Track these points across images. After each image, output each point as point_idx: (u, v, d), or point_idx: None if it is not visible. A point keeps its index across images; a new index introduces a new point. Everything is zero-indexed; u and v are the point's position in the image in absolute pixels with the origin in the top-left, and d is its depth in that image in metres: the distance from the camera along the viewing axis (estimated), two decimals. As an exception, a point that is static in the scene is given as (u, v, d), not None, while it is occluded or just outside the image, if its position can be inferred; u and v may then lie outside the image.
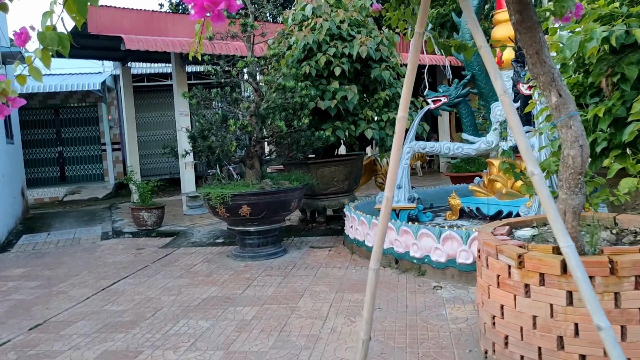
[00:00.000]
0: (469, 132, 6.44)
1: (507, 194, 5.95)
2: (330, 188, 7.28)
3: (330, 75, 6.63)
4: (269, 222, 6.02)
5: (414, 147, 6.44)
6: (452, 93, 6.30)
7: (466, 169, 9.04)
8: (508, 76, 6.10)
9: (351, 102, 6.47)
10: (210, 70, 5.88)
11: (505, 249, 2.89)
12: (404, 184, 6.37)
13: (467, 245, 4.68)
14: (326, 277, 5.23)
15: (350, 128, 6.67)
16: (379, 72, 6.66)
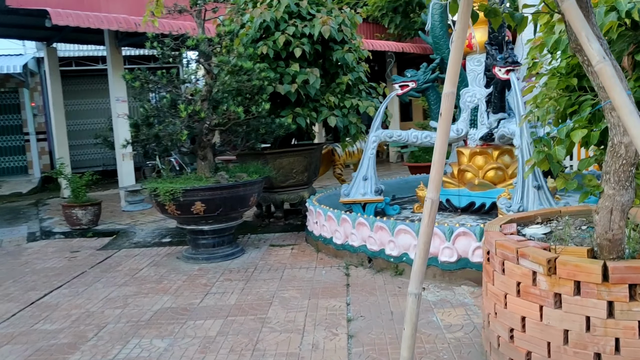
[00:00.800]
0: (437, 119, 6.06)
1: (480, 184, 5.65)
2: (289, 180, 6.73)
3: (289, 57, 6.06)
4: (226, 220, 5.41)
5: (380, 136, 6.02)
6: (420, 78, 5.91)
7: (425, 159, 8.75)
8: (479, 60, 5.78)
9: (313, 87, 5.94)
10: (156, 49, 5.15)
11: (529, 253, 2.48)
12: (370, 175, 5.94)
13: (450, 242, 4.29)
14: (294, 280, 4.71)
15: (311, 115, 6.14)
16: (342, 54, 6.16)
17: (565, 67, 3.50)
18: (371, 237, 4.81)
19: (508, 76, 4.98)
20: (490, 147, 5.79)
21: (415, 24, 11.07)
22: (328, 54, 6.34)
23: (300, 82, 5.87)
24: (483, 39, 5.64)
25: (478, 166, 5.79)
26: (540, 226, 3.03)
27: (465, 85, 5.89)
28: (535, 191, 4.54)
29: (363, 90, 6.74)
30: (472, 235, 4.20)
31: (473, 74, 5.83)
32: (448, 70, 1.61)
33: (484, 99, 5.68)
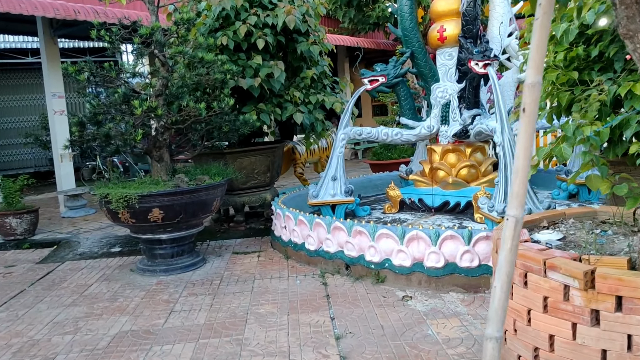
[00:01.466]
0: (408, 116, 5.83)
1: (454, 183, 5.44)
2: (250, 181, 6.29)
3: (250, 48, 5.62)
4: (186, 228, 4.92)
5: (350, 133, 5.70)
6: (390, 72, 5.63)
7: (388, 156, 8.53)
8: (450, 54, 5.57)
9: (277, 81, 5.53)
10: (103, 39, 4.57)
11: (560, 265, 2.22)
12: (340, 175, 5.62)
13: (436, 247, 4.03)
14: (267, 292, 4.30)
15: (275, 111, 5.72)
16: (307, 46, 5.78)
17: (564, 60, 3.30)
18: (349, 242, 4.48)
19: (486, 70, 4.77)
20: (463, 144, 5.61)
21: (370, 18, 10.84)
22: (291, 46, 5.94)
23: (263, 75, 5.45)
24: (455, 32, 5.43)
25: (451, 164, 5.59)
26: (552, 231, 2.80)
27: (436, 80, 5.67)
28: (518, 190, 4.35)
29: (327, 85, 6.39)
30: (460, 238, 3.96)
31: (444, 68, 5.62)
32: (532, 55, 1.29)
33: (455, 95, 5.48)
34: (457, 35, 5.38)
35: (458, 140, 5.57)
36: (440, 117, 5.68)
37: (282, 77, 5.52)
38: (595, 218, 3.09)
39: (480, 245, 3.92)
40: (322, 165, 8.17)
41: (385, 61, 5.81)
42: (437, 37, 5.53)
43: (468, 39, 5.07)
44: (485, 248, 3.91)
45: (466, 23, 5.12)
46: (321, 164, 8.18)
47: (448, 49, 5.56)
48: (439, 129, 5.72)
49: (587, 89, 3.09)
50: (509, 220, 1.30)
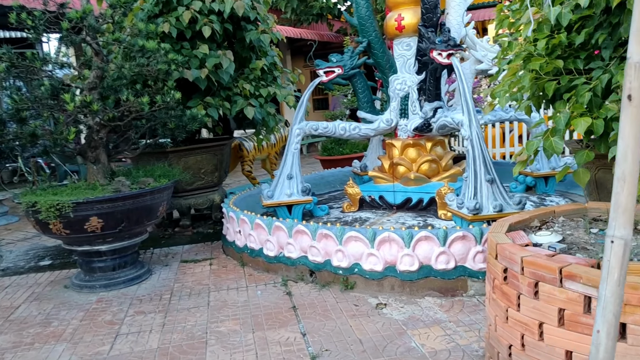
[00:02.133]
0: (365, 109, 5.54)
1: (416, 179, 5.22)
2: (197, 182, 5.80)
3: (195, 37, 5.12)
4: (129, 237, 4.39)
5: (305, 128, 5.34)
6: (346, 63, 5.31)
7: (339, 151, 8.23)
8: (409, 44, 5.33)
9: (226, 73, 5.08)
10: (26, 23, 3.95)
11: (581, 274, 1.98)
12: (296, 173, 5.26)
13: (410, 249, 3.76)
14: (225, 306, 3.88)
15: (224, 105, 5.27)
16: (257, 35, 5.35)
17: (545, 48, 3.10)
18: (314, 246, 4.13)
19: (450, 60, 4.56)
20: (423, 139, 5.40)
21: (313, 8, 10.49)
22: (239, 35, 5.50)
23: (211, 66, 4.98)
24: (414, 21, 5.19)
25: (411, 159, 5.37)
26: (550, 232, 2.58)
27: (394, 71, 5.42)
28: (488, 185, 4.18)
29: (278, 77, 6.00)
30: (434, 239, 3.71)
31: (402, 59, 5.37)
32: (632, 33, 0.99)
33: (415, 87, 5.25)
34: (416, 24, 5.15)
35: (418, 134, 5.35)
36: (399, 110, 5.44)
37: (231, 68, 5.07)
38: (585, 215, 2.92)
39: (456, 246, 3.69)
40: (271, 162, 7.78)
41: (328, 54, 5.51)
42: (395, 26, 5.27)
43: (429, 28, 4.84)
44: (462, 248, 3.68)
45: (426, 11, 4.89)
46: (270, 160, 7.79)
47: (406, 38, 5.32)
48: (397, 123, 5.48)
49: (574, 78, 2.90)
50: (615, 243, 1.00)
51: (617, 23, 2.77)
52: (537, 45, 3.13)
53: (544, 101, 3.26)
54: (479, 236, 3.67)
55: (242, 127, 6.08)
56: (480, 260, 3.67)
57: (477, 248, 3.67)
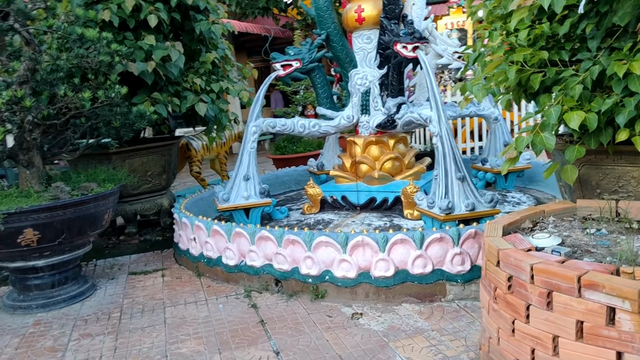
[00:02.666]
0: (325, 105, 5.28)
1: (380, 178, 5.02)
2: (143, 186, 5.34)
3: (139, 26, 4.67)
4: (70, 250, 3.91)
5: (262, 125, 5.02)
6: (305, 57, 5.03)
7: (293, 150, 7.91)
8: (369, 37, 5.11)
9: (175, 66, 4.66)
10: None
11: (604, 282, 1.80)
12: (253, 174, 4.93)
13: (385, 253, 3.53)
14: (185, 323, 3.50)
15: (173, 101, 4.84)
16: (207, 26, 4.96)
17: (526, 39, 2.94)
18: (280, 254, 3.82)
19: (415, 54, 4.37)
20: (385, 136, 5.20)
21: (259, 1, 10.10)
22: (188, 26, 5.08)
23: (158, 59, 4.55)
24: (375, 13, 4.97)
25: (374, 157, 5.16)
26: (548, 234, 2.41)
27: (354, 65, 5.18)
28: (459, 183, 4.02)
29: (230, 71, 5.62)
30: (411, 242, 3.50)
31: (363, 53, 5.14)
32: None
33: (376, 82, 5.03)
34: (377, 16, 4.94)
35: (381, 131, 5.15)
36: (360, 106, 5.22)
37: (181, 61, 4.66)
38: (575, 214, 2.78)
39: (433, 249, 3.50)
40: (221, 162, 7.38)
41: (273, 50, 5.22)
42: (355, 18, 5.04)
43: (391, 20, 4.63)
44: (439, 251, 3.49)
45: (388, 2, 4.69)
46: (219, 160, 7.39)
47: (366, 31, 5.09)
48: (359, 120, 5.25)
49: (562, 70, 2.75)
50: None
51: (606, 12, 2.65)
52: (519, 35, 2.97)
53: (524, 95, 3.11)
54: (456, 238, 3.49)
55: (192, 125, 5.65)
56: (458, 263, 3.49)
57: (454, 250, 3.49)
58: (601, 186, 2.98)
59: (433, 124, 4.18)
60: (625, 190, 2.90)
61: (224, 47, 5.71)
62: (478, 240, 3.54)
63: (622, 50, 2.54)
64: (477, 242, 3.54)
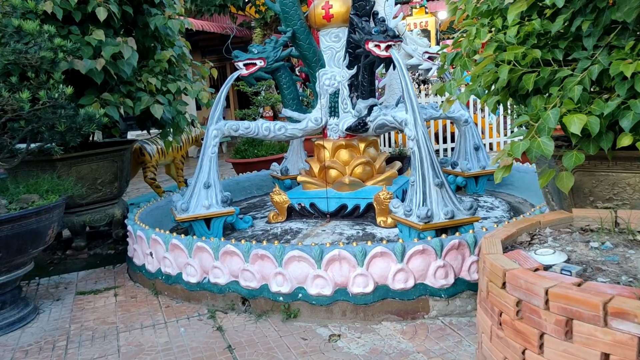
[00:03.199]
0: (291, 107, 4.97)
1: (351, 183, 4.75)
2: (93, 195, 4.88)
3: (86, 20, 4.23)
4: (7, 270, 3.45)
5: (223, 129, 4.67)
6: (270, 55, 4.71)
7: (254, 154, 7.53)
8: (337, 35, 4.84)
9: (128, 64, 4.24)
10: None
11: (635, 311, 1.57)
12: (214, 181, 4.59)
13: (364, 267, 3.26)
14: (142, 352, 3.12)
15: (126, 103, 4.42)
16: (164, 21, 4.56)
17: (516, 37, 2.74)
18: (247, 270, 3.49)
19: (388, 53, 4.12)
20: (355, 139, 4.94)
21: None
22: (141, 21, 4.67)
23: (108, 56, 4.12)
24: (343, 10, 4.71)
25: (344, 162, 4.89)
26: (552, 250, 2.19)
27: (322, 65, 4.90)
28: (437, 190, 3.80)
29: (187, 71, 5.23)
30: (391, 255, 3.24)
31: (331, 52, 4.87)
32: None
33: (345, 82, 4.77)
34: (346, 13, 4.68)
35: (351, 134, 4.89)
36: (329, 108, 4.94)
37: (134, 59, 4.25)
38: (572, 225, 2.59)
39: (415, 261, 3.25)
40: (177, 167, 6.96)
41: (232, 49, 4.89)
42: (323, 15, 4.75)
43: (363, 17, 4.37)
44: (421, 264, 3.25)
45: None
46: (175, 166, 6.96)
47: (335, 29, 4.82)
48: (327, 122, 4.97)
49: (557, 70, 2.56)
50: None
51: (604, 8, 2.47)
52: (508, 32, 2.77)
53: (514, 97, 2.91)
54: (439, 249, 3.26)
55: (146, 128, 5.23)
56: (441, 276, 3.26)
57: (437, 262, 3.25)
58: (594, 194, 2.81)
59: (409, 127, 3.95)
60: (620, 198, 2.73)
61: (180, 44, 5.31)
62: (461, 252, 3.31)
63: (624, 48, 2.35)
64: (460, 254, 3.31)
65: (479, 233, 3.39)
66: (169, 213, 5.18)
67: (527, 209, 5.07)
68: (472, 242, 3.32)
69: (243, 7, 10.26)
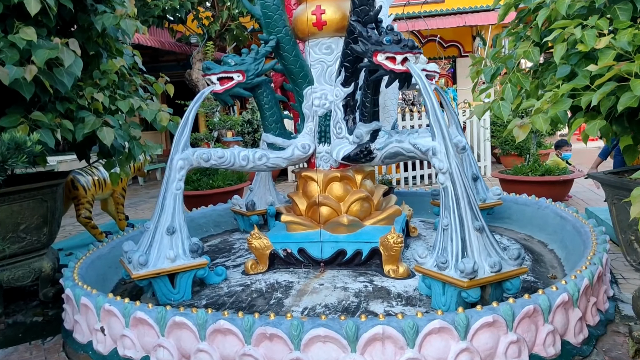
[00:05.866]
0: (274, 131, 4.09)
1: (350, 224, 3.92)
2: (14, 245, 3.70)
3: (10, 14, 3.16)
4: None
5: (192, 158, 3.72)
6: (249, 68, 3.82)
7: (209, 184, 6.47)
8: (330, 46, 4.06)
9: (69, 74, 3.18)
10: None
11: None
12: (180, 225, 3.63)
13: (415, 348, 2.42)
14: None
15: (63, 125, 3.34)
16: (115, 21, 3.54)
17: (631, 43, 2.08)
18: (249, 355, 2.54)
19: (405, 67, 3.37)
20: (350, 169, 4.14)
21: (156, 9, 8.57)
22: (83, 20, 3.63)
23: (42, 63, 3.05)
24: (338, 16, 3.95)
25: (338, 197, 4.07)
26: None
27: (310, 82, 4.08)
28: (478, 236, 3.07)
29: (139, 86, 4.23)
30: (451, 330, 2.43)
31: (321, 66, 4.07)
32: None
33: (340, 102, 3.97)
34: (341, 21, 3.93)
35: (344, 164, 4.08)
36: (318, 132, 4.12)
37: (77, 68, 3.20)
38: None
39: (482, 337, 2.46)
40: (117, 202, 5.81)
41: (165, 66, 4.03)
42: (313, 22, 3.95)
43: (367, 25, 3.60)
44: (489, 340, 2.46)
45: (360, 2, 3.66)
46: (115, 200, 5.80)
47: (326, 39, 4.04)
48: (315, 149, 4.14)
49: None
50: None
51: None
52: (618, 38, 2.10)
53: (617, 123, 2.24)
54: (510, 319, 2.49)
55: (85, 157, 4.14)
56: (513, 355, 2.49)
57: (508, 337, 2.49)
58: None
59: (438, 157, 3.19)
60: None
61: (128, 52, 4.30)
62: (535, 320, 2.57)
63: None
64: (533, 323, 2.57)
65: (550, 294, 2.66)
66: (115, 264, 4.12)
67: (539, 247, 4.49)
68: (546, 308, 2.59)
69: (185, 19, 9.26)
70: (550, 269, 3.93)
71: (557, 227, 4.52)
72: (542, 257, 4.23)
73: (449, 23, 11.11)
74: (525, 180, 6.07)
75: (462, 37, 13.77)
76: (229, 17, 9.81)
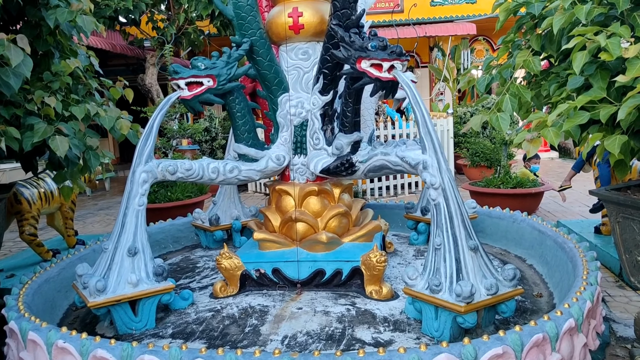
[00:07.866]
0: (246, 141, 3.78)
1: (330, 242, 3.66)
2: (-54, 270, 3.21)
3: (-55, 4, 2.73)
4: None
5: (156, 171, 3.38)
6: (221, 72, 3.51)
7: (167, 197, 6.02)
8: (306, 52, 3.80)
9: (17, 75, 2.77)
10: None
11: None
12: (142, 245, 3.28)
13: (418, 386, 2.18)
14: None
15: (9, 133, 2.92)
16: (69, 16, 3.16)
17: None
18: (233, 399, 2.22)
19: (392, 75, 3.16)
20: (327, 183, 3.89)
21: (107, 9, 8.04)
22: (32, 14, 3.22)
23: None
24: (316, 19, 3.70)
25: (315, 212, 3.80)
26: None
27: (285, 89, 3.80)
28: (473, 256, 2.88)
29: (95, 90, 3.83)
30: (511, 354, 2.21)
31: (297, 72, 3.81)
32: None
33: (317, 111, 3.72)
34: (319, 24, 3.69)
35: (322, 177, 3.82)
36: (294, 143, 3.84)
37: (26, 67, 2.79)
38: None
39: None
40: (65, 216, 5.33)
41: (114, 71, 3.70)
42: (289, 25, 3.69)
43: (349, 29, 3.37)
44: None
45: (341, 5, 3.42)
46: (63, 214, 5.31)
47: (303, 43, 3.78)
48: (290, 160, 3.86)
49: None
50: None
51: None
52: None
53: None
54: (519, 350, 2.29)
55: (32, 169, 3.70)
56: (525, 391, 2.29)
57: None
58: None
59: (430, 171, 2.99)
60: None
61: (82, 53, 3.90)
62: (542, 349, 2.38)
63: None
64: (541, 352, 2.38)
65: (557, 320, 2.49)
66: (65, 287, 3.71)
67: (517, 263, 4.37)
68: (553, 335, 2.41)
69: (138, 22, 8.77)
70: (533, 287, 3.80)
71: (534, 242, 4.41)
72: (522, 274, 4.10)
73: (408, 33, 11.12)
74: (496, 192, 6.00)
75: (420, 48, 13.86)
76: (186, 20, 9.40)
